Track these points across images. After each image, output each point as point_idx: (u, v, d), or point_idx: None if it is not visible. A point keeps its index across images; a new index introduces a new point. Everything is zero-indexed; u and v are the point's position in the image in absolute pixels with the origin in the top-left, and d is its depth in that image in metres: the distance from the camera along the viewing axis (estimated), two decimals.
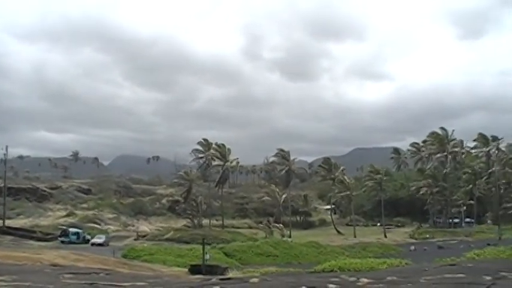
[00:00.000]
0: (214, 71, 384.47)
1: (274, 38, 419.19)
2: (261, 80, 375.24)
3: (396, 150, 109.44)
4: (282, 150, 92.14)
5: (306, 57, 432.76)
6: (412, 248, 60.95)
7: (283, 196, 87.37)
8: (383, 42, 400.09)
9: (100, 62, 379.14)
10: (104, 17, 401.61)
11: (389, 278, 10.26)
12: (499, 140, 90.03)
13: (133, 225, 79.73)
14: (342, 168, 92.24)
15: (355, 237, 73.33)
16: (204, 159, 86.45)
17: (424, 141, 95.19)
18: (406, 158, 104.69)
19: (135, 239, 62.46)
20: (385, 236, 74.57)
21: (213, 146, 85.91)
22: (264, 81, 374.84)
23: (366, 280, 9.67)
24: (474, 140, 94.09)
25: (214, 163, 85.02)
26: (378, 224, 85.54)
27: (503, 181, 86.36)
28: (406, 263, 17.26)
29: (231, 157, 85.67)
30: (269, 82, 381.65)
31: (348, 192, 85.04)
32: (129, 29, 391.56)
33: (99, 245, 51.03)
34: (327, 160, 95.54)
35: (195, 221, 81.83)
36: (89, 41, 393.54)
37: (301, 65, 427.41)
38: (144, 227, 78.87)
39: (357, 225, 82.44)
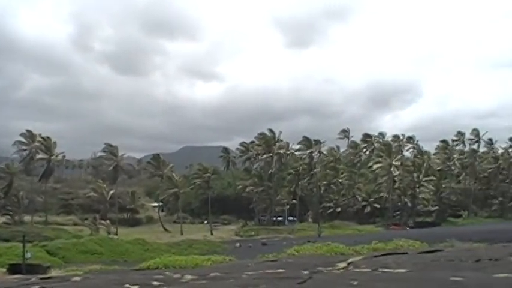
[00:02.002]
0: (41, 59, 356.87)
1: (105, 30, 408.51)
2: (91, 72, 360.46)
3: (225, 150, 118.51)
4: (110, 145, 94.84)
5: (138, 52, 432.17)
6: (238, 245, 67.79)
7: (111, 192, 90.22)
8: (215, 43, 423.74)
9: None
10: None
11: (212, 274, 11.19)
12: (321, 143, 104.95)
13: None
14: (170, 165, 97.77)
15: (182, 234, 78.34)
16: (27, 152, 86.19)
17: (252, 142, 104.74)
18: (234, 157, 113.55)
19: None
20: (212, 234, 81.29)
21: (38, 138, 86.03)
22: (94, 73, 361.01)
23: (189, 277, 10.56)
24: (299, 143, 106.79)
25: (38, 156, 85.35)
26: (205, 222, 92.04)
27: (324, 182, 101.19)
28: (230, 260, 19.10)
29: (57, 150, 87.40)
30: (99, 75, 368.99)
31: (176, 190, 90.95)
32: None
33: None
34: (156, 157, 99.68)
35: (16, 218, 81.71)
36: None
37: (133, 60, 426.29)
38: None
39: (184, 222, 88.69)
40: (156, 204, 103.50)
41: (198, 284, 10.03)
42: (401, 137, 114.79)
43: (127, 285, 9.31)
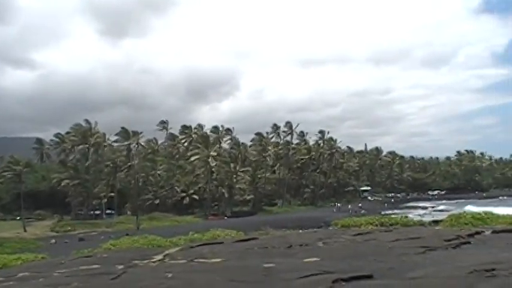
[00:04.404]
0: None
1: None
2: None
3: (39, 141, 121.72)
4: None
5: None
6: (53, 241, 71.49)
7: None
8: (26, 27, 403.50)
9: None
10: None
11: (21, 275, 11.72)
12: (140, 134, 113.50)
13: None
14: None
15: None
16: None
17: (67, 133, 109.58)
18: (49, 149, 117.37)
19: None
20: (25, 231, 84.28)
21: None
22: None
23: None
24: (116, 134, 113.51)
25: None
26: (18, 218, 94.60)
27: (142, 174, 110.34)
28: (42, 257, 19.25)
29: None
30: None
31: None
32: None
33: None
34: None
35: None
36: None
37: None
38: None
39: None
40: None
41: (4, 286, 10.43)
42: (220, 129, 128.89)
43: None
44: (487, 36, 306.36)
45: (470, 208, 68.51)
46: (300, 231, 27.73)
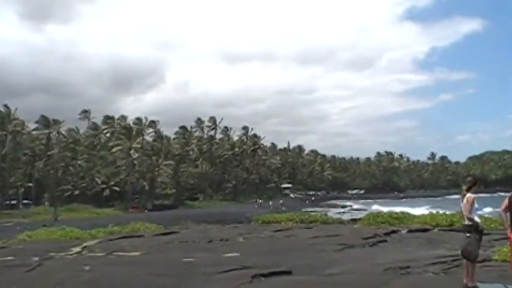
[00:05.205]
0: None
1: None
2: None
3: None
4: None
5: None
6: None
7: None
8: None
9: None
10: None
11: None
12: (61, 123, 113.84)
13: None
14: None
15: None
16: None
17: None
18: None
19: None
20: None
21: None
22: None
23: None
24: (36, 122, 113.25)
25: None
26: None
27: (62, 164, 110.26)
28: None
29: None
30: None
31: None
32: None
33: None
34: None
35: None
36: None
37: None
38: None
39: None
40: None
41: None
42: (144, 121, 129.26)
43: None
44: (409, 42, 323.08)
45: (377, 208, 76.49)
46: (221, 226, 28.50)
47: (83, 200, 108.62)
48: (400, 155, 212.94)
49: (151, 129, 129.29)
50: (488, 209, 38.39)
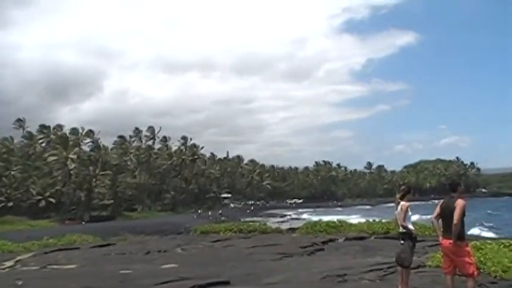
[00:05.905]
0: None
1: None
2: None
3: None
4: None
5: None
6: None
7: None
8: None
9: None
10: None
11: None
12: None
13: None
14: None
15: None
16: None
17: None
18: None
19: None
20: None
21: None
22: None
23: None
24: None
25: None
26: None
27: None
28: None
29: None
30: None
31: None
32: None
33: None
34: None
35: None
36: None
37: None
38: None
39: None
40: None
41: None
42: (80, 130, 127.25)
43: None
44: (346, 54, 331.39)
45: (308, 217, 77.68)
46: (159, 237, 28.69)
47: (17, 212, 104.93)
48: (338, 165, 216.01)
49: (88, 139, 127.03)
50: (415, 216, 39.34)
